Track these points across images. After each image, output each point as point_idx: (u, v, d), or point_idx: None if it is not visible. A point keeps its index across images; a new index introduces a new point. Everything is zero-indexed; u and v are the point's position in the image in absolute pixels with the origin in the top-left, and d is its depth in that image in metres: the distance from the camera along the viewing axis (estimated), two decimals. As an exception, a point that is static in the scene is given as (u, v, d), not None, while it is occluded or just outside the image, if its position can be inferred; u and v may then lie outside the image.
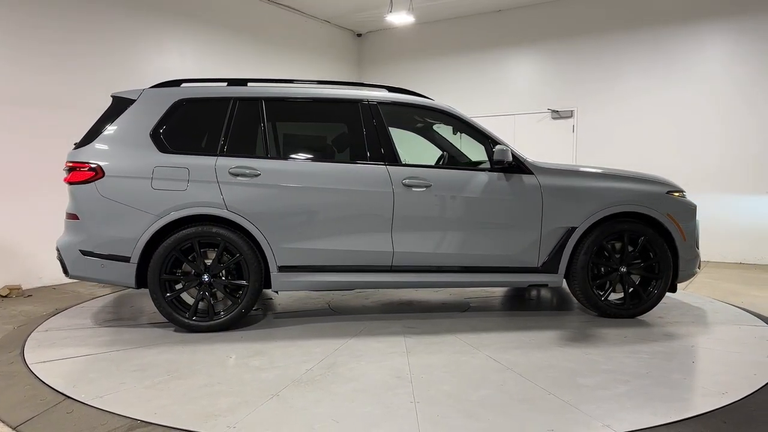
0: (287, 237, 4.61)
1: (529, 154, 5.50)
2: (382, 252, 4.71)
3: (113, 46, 7.53)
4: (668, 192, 5.03)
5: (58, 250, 4.61)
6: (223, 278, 4.60)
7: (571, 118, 9.85)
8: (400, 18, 10.15)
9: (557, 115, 9.93)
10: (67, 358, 4.01)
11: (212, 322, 4.59)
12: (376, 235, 4.69)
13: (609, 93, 9.46)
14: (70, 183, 4.56)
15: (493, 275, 4.88)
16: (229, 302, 4.63)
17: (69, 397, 3.29)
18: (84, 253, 4.52)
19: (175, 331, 4.60)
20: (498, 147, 4.75)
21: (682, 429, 2.89)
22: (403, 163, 4.83)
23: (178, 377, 3.60)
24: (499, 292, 6.17)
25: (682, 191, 5.12)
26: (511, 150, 4.86)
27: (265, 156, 4.71)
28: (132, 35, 7.78)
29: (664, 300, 5.22)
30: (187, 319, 4.57)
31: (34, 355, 4.06)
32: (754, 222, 8.44)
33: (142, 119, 4.66)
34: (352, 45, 11.99)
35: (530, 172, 4.89)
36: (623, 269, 4.97)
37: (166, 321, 4.63)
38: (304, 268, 4.68)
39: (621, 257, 4.95)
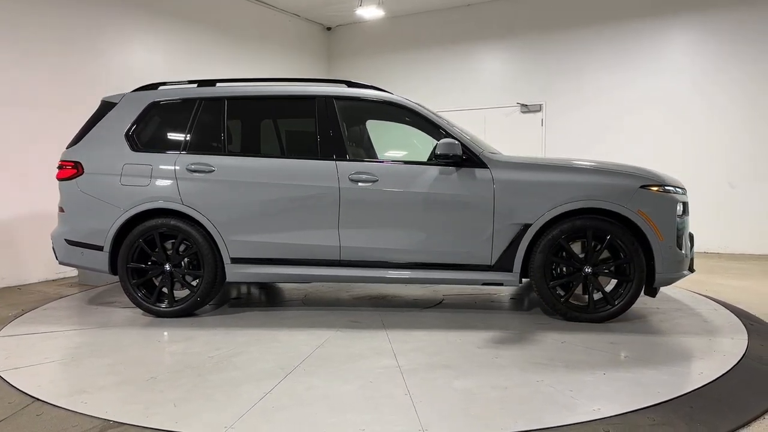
0: (238, 230, 4.83)
1: (499, 148, 5.25)
2: (329, 246, 4.78)
3: (76, 40, 7.33)
4: (643, 186, 4.55)
5: (51, 239, 5.21)
6: (183, 268, 4.93)
7: (540, 112, 9.97)
8: (370, 12, 10.30)
9: (526, 109, 10.04)
10: (36, 359, 3.93)
11: (171, 309, 4.94)
12: (323, 230, 4.77)
13: (576, 87, 9.65)
14: (59, 179, 5.12)
15: (443, 272, 4.75)
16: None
17: (38, 399, 3.21)
18: (68, 242, 5.08)
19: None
20: (442, 140, 4.59)
21: (651, 415, 2.92)
22: (353, 158, 4.84)
23: (153, 378, 3.68)
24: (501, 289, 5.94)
25: (664, 185, 4.61)
26: (465, 143, 4.69)
27: (223, 153, 4.96)
28: (96, 29, 7.59)
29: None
30: (150, 305, 4.96)
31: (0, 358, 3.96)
32: (717, 213, 8.74)
33: (120, 121, 5.11)
34: (321, 39, 11.94)
35: (484, 166, 4.68)
36: (587, 270, 4.59)
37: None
38: (255, 261, 4.87)
39: (586, 257, 4.58)
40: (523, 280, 4.74)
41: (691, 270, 4.80)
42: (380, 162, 4.90)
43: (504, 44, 10.31)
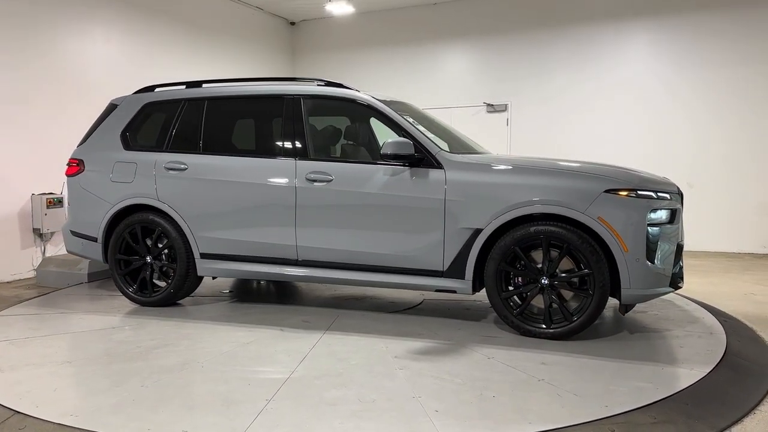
0: (206, 226, 4.99)
1: (471, 146, 4.97)
2: (287, 245, 4.79)
3: (31, 31, 6.93)
4: (609, 190, 4.06)
5: (62, 230, 5.74)
6: (161, 261, 5.19)
7: (506, 112, 9.99)
8: (339, 7, 10.09)
9: (492, 108, 10.05)
10: (7, 370, 3.69)
11: (149, 299, 5.23)
12: (282, 229, 4.79)
13: (541, 87, 9.72)
14: (66, 176, 5.61)
15: (396, 276, 4.57)
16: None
17: (18, 412, 3.08)
18: (72, 233, 5.55)
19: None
20: (389, 140, 4.41)
21: (653, 413, 2.99)
22: (314, 157, 4.81)
23: (67, 362, 4.05)
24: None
25: (636, 189, 4.07)
26: (421, 142, 4.48)
27: (198, 152, 5.15)
28: (52, 20, 7.18)
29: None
30: (132, 293, 5.28)
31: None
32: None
33: (119, 121, 5.49)
34: (285, 34, 11.52)
35: (439, 166, 4.43)
36: (544, 281, 4.19)
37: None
38: (222, 257, 5.01)
39: (547, 266, 4.19)
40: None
41: (675, 287, 4.21)
42: (337, 161, 4.81)
43: (470, 43, 10.32)
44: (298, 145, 4.84)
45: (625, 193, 4.07)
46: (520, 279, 4.30)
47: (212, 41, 9.75)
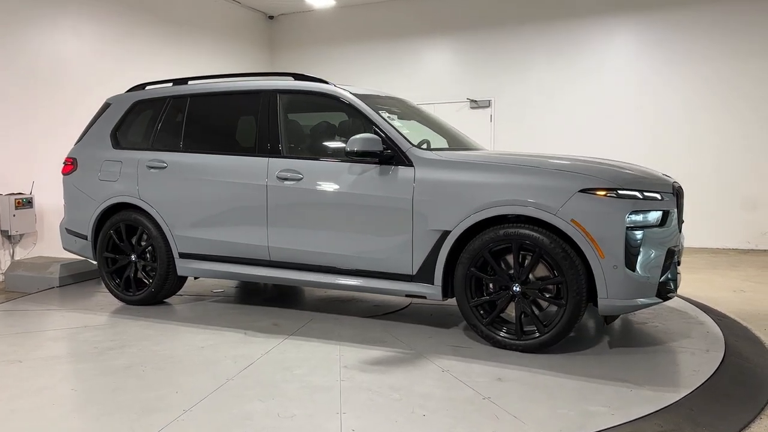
0: (182, 225, 4.93)
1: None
2: (260, 246, 4.66)
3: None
4: (584, 189, 3.68)
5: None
6: (144, 260, 5.16)
7: (489, 108, 9.84)
8: (320, 0, 9.94)
9: (475, 104, 9.90)
10: None
11: (132, 297, 5.22)
12: (254, 229, 4.66)
13: (524, 83, 9.61)
14: (62, 174, 5.68)
15: (366, 280, 4.33)
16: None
17: None
18: (67, 231, 5.62)
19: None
20: (354, 136, 4.17)
21: (658, 420, 2.88)
22: (288, 154, 4.64)
23: (18, 362, 4.27)
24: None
25: (616, 188, 3.67)
26: (393, 139, 4.23)
27: (178, 150, 5.08)
28: (19, 15, 6.90)
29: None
30: (118, 292, 5.28)
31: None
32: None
33: (110, 120, 5.50)
34: (263, 28, 11.11)
35: (409, 164, 4.16)
36: (516, 288, 3.85)
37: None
38: (199, 256, 4.93)
39: (519, 273, 3.85)
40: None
41: (663, 297, 3.77)
42: (308, 159, 4.60)
43: (453, 39, 10.13)
44: (271, 142, 4.68)
45: (603, 192, 3.67)
46: (491, 286, 3.98)
47: (186, 35, 9.38)
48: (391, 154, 4.21)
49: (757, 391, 3.31)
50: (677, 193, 4.05)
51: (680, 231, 4.24)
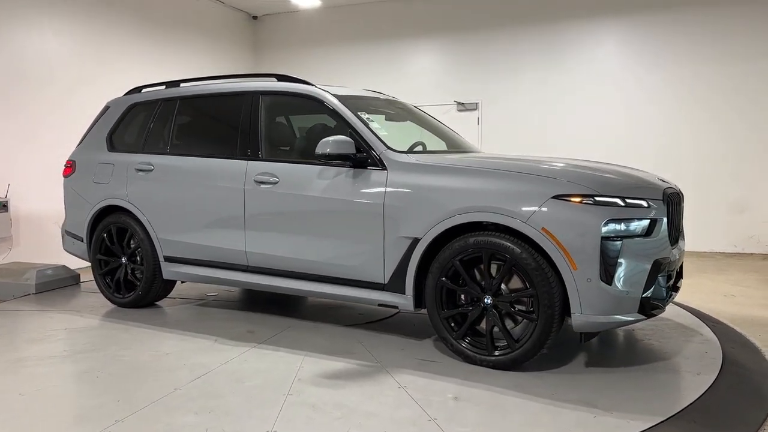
0: (167, 228, 4.89)
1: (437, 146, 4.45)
2: (238, 251, 4.56)
3: None
4: (558, 196, 3.40)
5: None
6: (134, 263, 5.16)
7: (476, 111, 9.76)
8: (305, 1, 9.82)
9: (463, 107, 9.81)
10: None
11: (122, 300, 5.22)
12: (233, 233, 4.57)
13: (511, 86, 9.55)
14: (63, 176, 5.76)
15: (339, 288, 4.17)
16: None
17: None
18: (66, 233, 5.70)
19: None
20: (323, 139, 4.00)
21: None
22: (266, 157, 4.52)
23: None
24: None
25: (592, 195, 3.38)
26: (368, 141, 4.06)
27: (166, 152, 5.05)
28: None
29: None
30: (109, 294, 5.30)
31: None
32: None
33: (107, 123, 5.54)
34: (247, 28, 10.86)
35: (383, 167, 3.98)
36: (487, 300, 3.61)
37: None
38: (182, 260, 4.88)
39: (492, 284, 3.61)
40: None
41: (647, 314, 3.45)
42: (285, 162, 4.46)
43: (440, 41, 10.05)
44: (251, 145, 4.58)
45: (578, 199, 3.39)
46: (463, 298, 3.74)
47: (168, 35, 9.18)
48: (365, 157, 4.04)
49: (759, 400, 3.26)
50: (671, 199, 3.71)
51: (678, 240, 3.90)
